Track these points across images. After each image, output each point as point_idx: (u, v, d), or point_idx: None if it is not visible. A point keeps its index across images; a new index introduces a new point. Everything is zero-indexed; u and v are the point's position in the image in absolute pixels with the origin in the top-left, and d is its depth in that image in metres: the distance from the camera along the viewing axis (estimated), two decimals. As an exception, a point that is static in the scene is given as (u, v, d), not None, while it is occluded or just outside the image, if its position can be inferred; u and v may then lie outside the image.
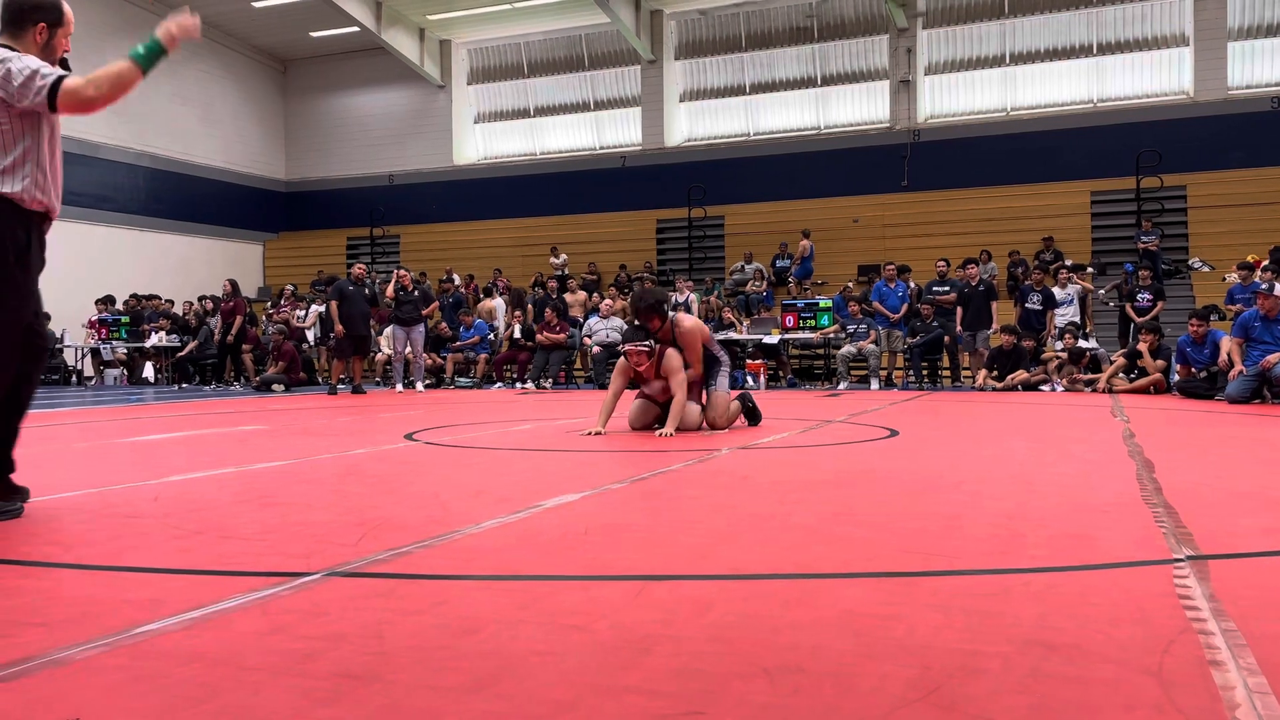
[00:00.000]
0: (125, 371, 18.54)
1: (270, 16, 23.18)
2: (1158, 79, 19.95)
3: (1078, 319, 13.56)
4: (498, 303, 17.31)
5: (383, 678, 1.66)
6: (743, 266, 19.29)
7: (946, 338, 13.97)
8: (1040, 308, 13.77)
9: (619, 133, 23.92)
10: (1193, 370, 10.91)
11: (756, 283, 18.67)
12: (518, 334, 15.66)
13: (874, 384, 13.68)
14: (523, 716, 1.50)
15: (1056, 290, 13.81)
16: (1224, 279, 15.01)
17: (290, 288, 19.85)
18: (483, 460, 5.12)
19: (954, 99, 21.33)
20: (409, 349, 14.13)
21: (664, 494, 3.80)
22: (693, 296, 16.25)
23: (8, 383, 3.21)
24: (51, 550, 2.82)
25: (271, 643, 1.86)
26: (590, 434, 6.23)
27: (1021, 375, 12.61)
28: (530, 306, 16.37)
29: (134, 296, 19.18)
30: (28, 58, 3.14)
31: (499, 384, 15.37)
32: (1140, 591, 2.22)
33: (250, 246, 25.32)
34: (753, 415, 6.90)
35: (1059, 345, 13.01)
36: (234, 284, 16.16)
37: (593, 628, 1.96)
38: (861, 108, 21.96)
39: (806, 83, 22.30)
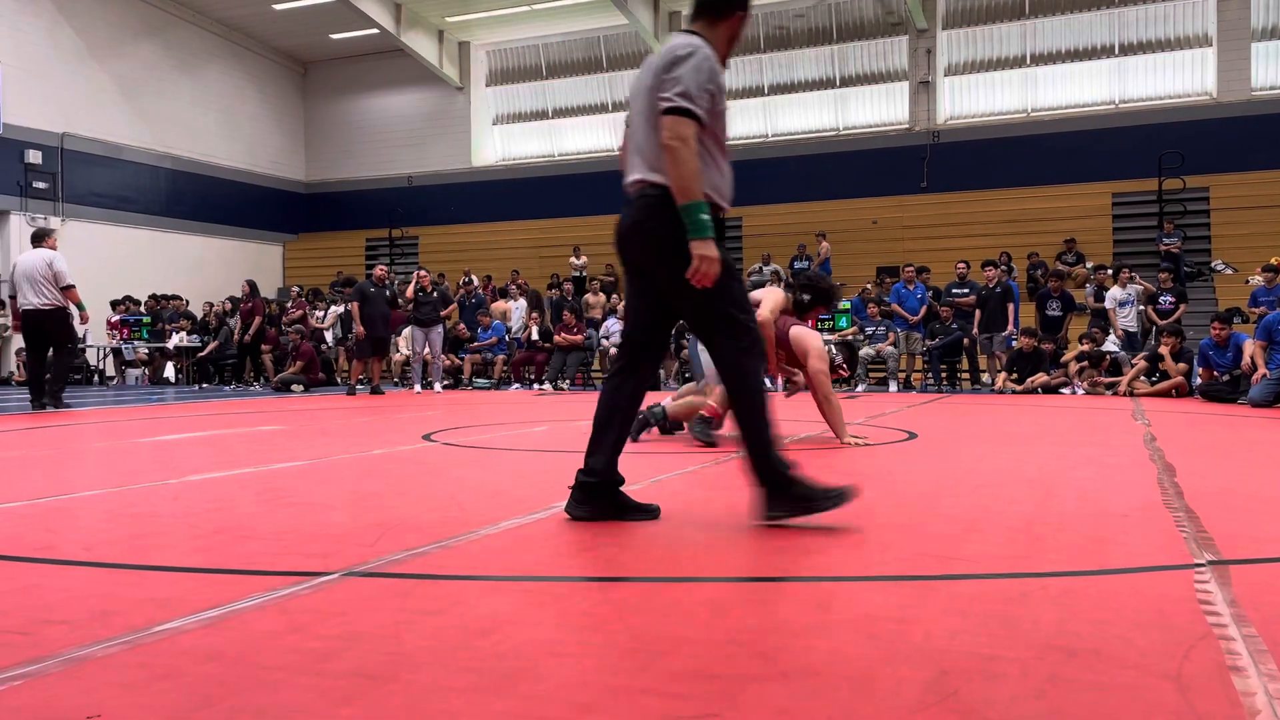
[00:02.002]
0: (147, 371, 18.69)
1: (290, 19, 23.31)
2: (1180, 80, 19.78)
3: (1135, 324, 13.38)
4: (512, 304, 17.34)
5: (400, 678, 1.67)
6: (760, 268, 19.25)
7: (965, 340, 13.90)
8: (1060, 314, 13.67)
9: (636, 134, 23.91)
10: (1215, 373, 10.81)
11: (774, 284, 18.64)
12: (535, 336, 15.70)
13: (892, 386, 13.63)
14: (540, 717, 1.50)
15: (1117, 290, 13.60)
16: (1247, 281, 14.87)
17: (296, 289, 19.96)
18: (500, 461, 5.13)
19: (974, 100, 21.21)
20: (427, 350, 14.19)
21: (682, 495, 3.80)
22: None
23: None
24: (73, 549, 2.84)
25: (290, 642, 1.87)
26: (859, 444, 5.64)
27: (1041, 378, 12.53)
28: (548, 300, 16.36)
29: (153, 297, 19.34)
30: (686, 68, 2.96)
31: (516, 385, 15.40)
32: (1161, 596, 2.20)
33: (270, 247, 25.46)
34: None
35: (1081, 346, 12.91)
36: (252, 285, 16.27)
37: (609, 629, 1.96)
38: (881, 109, 21.87)
39: (825, 84, 22.23)
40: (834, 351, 5.94)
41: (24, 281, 9.62)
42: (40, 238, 10.00)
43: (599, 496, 3.19)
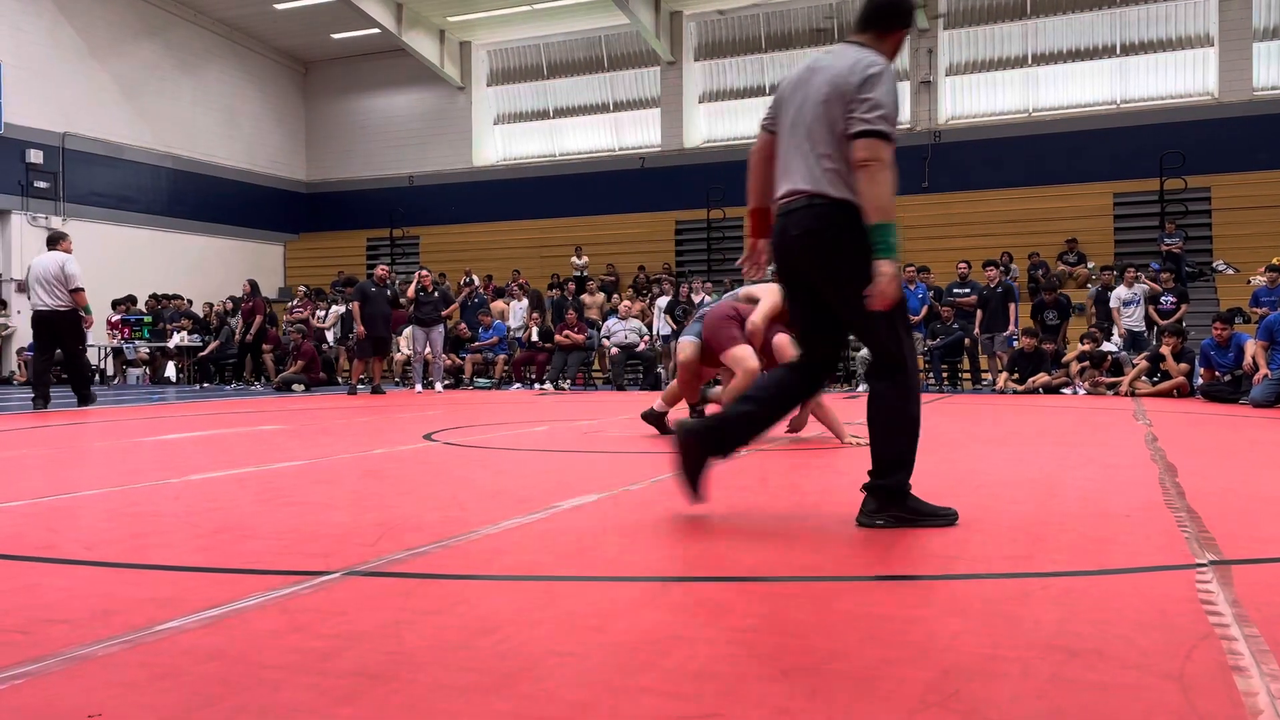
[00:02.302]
0: (147, 371, 18.70)
1: (291, 18, 23.31)
2: (1182, 80, 19.77)
3: (1141, 324, 13.34)
4: (513, 303, 17.33)
5: (401, 677, 1.67)
6: (763, 266, 19.22)
7: (966, 340, 13.89)
8: (1057, 322, 13.66)
9: (638, 134, 23.91)
10: (1216, 374, 10.80)
11: (776, 281, 18.60)
12: (535, 336, 15.70)
13: (893, 386, 13.59)
14: (540, 717, 1.50)
15: (1123, 290, 13.57)
16: (1249, 281, 14.86)
17: (303, 289, 19.97)
18: (501, 461, 5.13)
19: (975, 100, 21.21)
20: (428, 349, 14.20)
21: (681, 495, 3.79)
22: (709, 299, 16.22)
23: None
24: (74, 548, 2.84)
25: (290, 641, 1.87)
26: (860, 443, 5.29)
27: (1043, 378, 12.52)
28: (549, 300, 16.36)
29: (154, 296, 19.34)
30: (881, 91, 2.96)
31: (517, 385, 15.40)
32: (1162, 597, 2.20)
33: (271, 247, 25.46)
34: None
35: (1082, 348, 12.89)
36: (253, 284, 16.28)
37: (611, 629, 1.96)
38: (881, 109, 21.84)
39: (826, 84, 22.20)
40: None
41: (37, 283, 10.01)
42: (55, 241, 10.39)
43: (701, 449, 3.14)
